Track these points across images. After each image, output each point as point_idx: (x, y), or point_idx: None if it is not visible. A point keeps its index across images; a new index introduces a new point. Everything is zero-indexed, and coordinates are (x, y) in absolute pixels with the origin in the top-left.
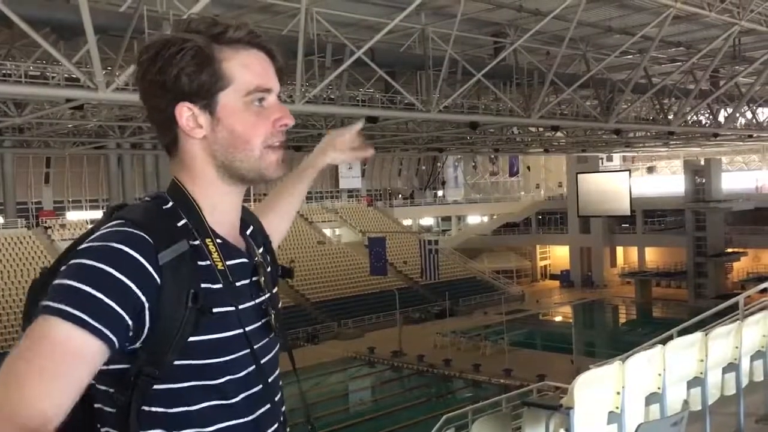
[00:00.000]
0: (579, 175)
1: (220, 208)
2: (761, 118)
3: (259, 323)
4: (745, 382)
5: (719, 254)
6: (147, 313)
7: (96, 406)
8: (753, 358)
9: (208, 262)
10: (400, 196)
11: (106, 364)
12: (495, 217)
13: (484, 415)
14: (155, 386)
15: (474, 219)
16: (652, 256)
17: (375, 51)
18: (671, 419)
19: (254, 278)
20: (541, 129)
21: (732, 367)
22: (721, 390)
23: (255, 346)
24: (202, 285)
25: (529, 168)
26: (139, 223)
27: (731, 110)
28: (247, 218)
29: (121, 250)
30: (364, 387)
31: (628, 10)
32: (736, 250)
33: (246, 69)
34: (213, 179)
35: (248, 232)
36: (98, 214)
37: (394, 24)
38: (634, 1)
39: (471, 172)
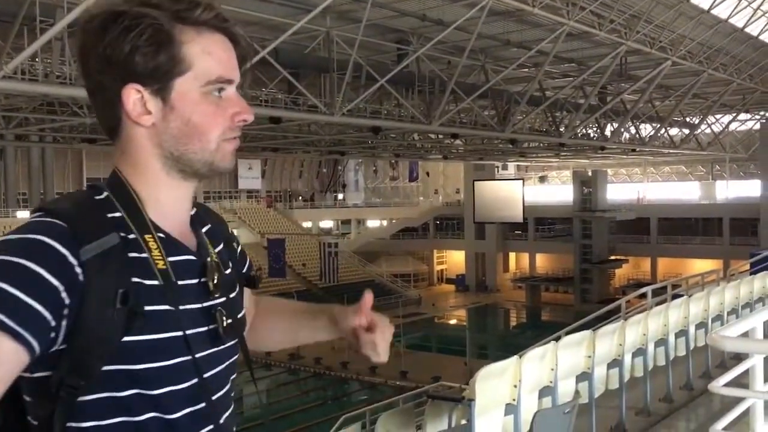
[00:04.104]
0: (476, 183)
1: (165, 201)
2: (643, 133)
3: (205, 329)
4: (627, 377)
5: (603, 261)
6: (69, 311)
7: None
8: (634, 355)
9: (145, 256)
10: (300, 198)
11: (26, 371)
12: (394, 221)
13: (389, 411)
14: (84, 397)
15: (373, 223)
16: (543, 262)
17: (279, 51)
18: (564, 407)
19: (202, 279)
20: (440, 136)
21: (616, 363)
22: (606, 384)
23: (197, 355)
24: (135, 280)
25: (428, 174)
26: (61, 214)
27: (617, 125)
28: (206, 216)
29: (40, 241)
30: (260, 390)
31: (526, 25)
32: (618, 257)
33: (209, 56)
34: (157, 171)
35: (204, 230)
36: None
37: (300, 25)
38: (531, 17)
39: (371, 176)
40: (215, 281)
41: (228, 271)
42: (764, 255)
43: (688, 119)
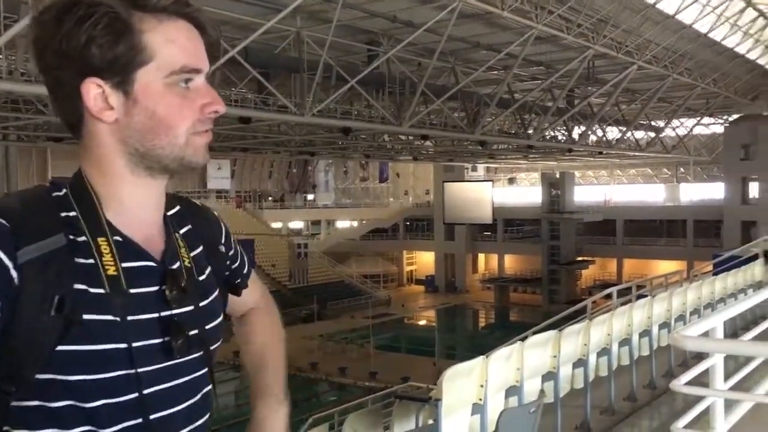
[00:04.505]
0: (445, 184)
1: (128, 201)
2: (610, 136)
3: (159, 342)
4: (591, 376)
5: (571, 262)
6: (1, 314)
7: None
8: (599, 355)
9: (91, 262)
10: (270, 198)
11: None
12: (364, 222)
13: (356, 411)
14: (18, 403)
15: (343, 223)
16: (511, 263)
17: (249, 51)
18: (529, 406)
19: (162, 287)
20: (410, 137)
21: (581, 362)
22: (571, 383)
23: (142, 369)
24: (78, 287)
25: (398, 175)
26: (5, 212)
27: (584, 128)
28: (189, 215)
29: None
30: (228, 391)
31: (496, 28)
32: (585, 258)
33: (171, 44)
34: (121, 169)
35: (183, 231)
36: None
37: (270, 25)
38: (500, 21)
39: (342, 177)
40: (176, 290)
41: (203, 277)
42: (726, 256)
43: (653, 123)
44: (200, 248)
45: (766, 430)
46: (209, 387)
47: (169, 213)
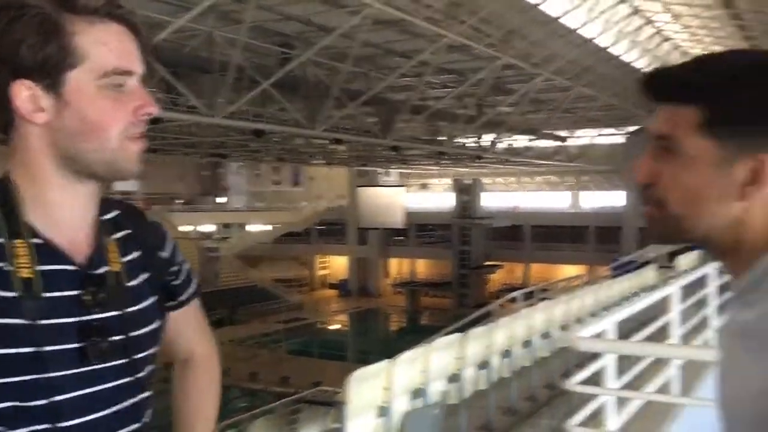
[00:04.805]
0: (359, 188)
1: (55, 204)
2: (517, 145)
3: (75, 347)
4: (495, 377)
5: (480, 267)
6: None
7: None
8: (502, 357)
9: (4, 264)
10: (180, 201)
11: None
12: (277, 225)
13: (261, 417)
14: None
15: (256, 227)
16: (423, 267)
17: (158, 49)
18: (432, 407)
19: (83, 291)
20: (324, 141)
21: (485, 364)
22: (475, 385)
23: (54, 374)
24: None
25: (311, 179)
26: None
27: (494, 136)
28: (127, 220)
29: None
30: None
31: (409, 35)
32: (494, 263)
33: (103, 46)
34: (49, 172)
35: (118, 236)
36: None
37: (180, 24)
38: (414, 28)
39: (254, 180)
40: (95, 294)
41: (134, 282)
42: (623, 261)
43: (558, 133)
44: (137, 253)
45: (655, 427)
46: (144, 395)
47: (105, 217)
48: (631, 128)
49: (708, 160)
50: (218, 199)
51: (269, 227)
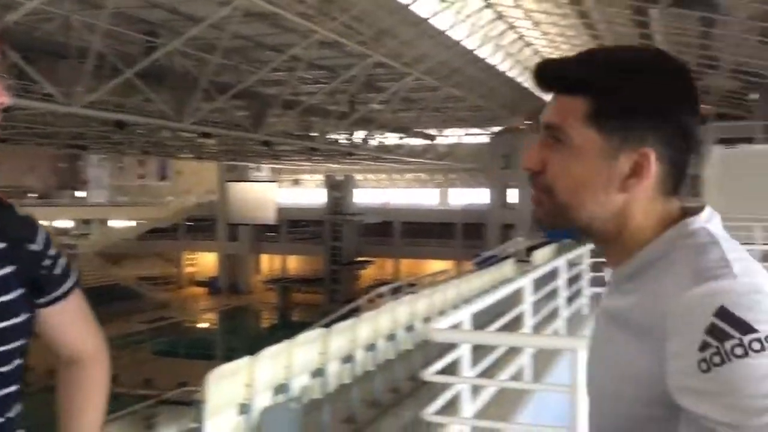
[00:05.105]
0: (229, 184)
1: None
2: (389, 142)
3: None
4: (359, 371)
5: (351, 263)
6: None
7: None
8: (367, 350)
9: None
10: (34, 194)
11: None
12: (142, 222)
13: (114, 421)
14: None
15: (119, 223)
16: (295, 263)
17: (9, 32)
18: (291, 402)
19: None
20: (192, 135)
21: (349, 358)
22: (340, 379)
23: None
24: None
25: (179, 173)
26: None
27: (365, 133)
28: None
29: None
30: None
31: (280, 29)
32: (365, 258)
33: None
34: None
35: None
36: None
37: (33, 5)
38: (285, 22)
39: (117, 174)
40: None
41: None
42: (486, 256)
43: (428, 131)
44: (1, 245)
45: (508, 413)
46: (9, 390)
47: None
48: (496, 129)
49: (594, 151)
50: (77, 193)
51: (133, 223)
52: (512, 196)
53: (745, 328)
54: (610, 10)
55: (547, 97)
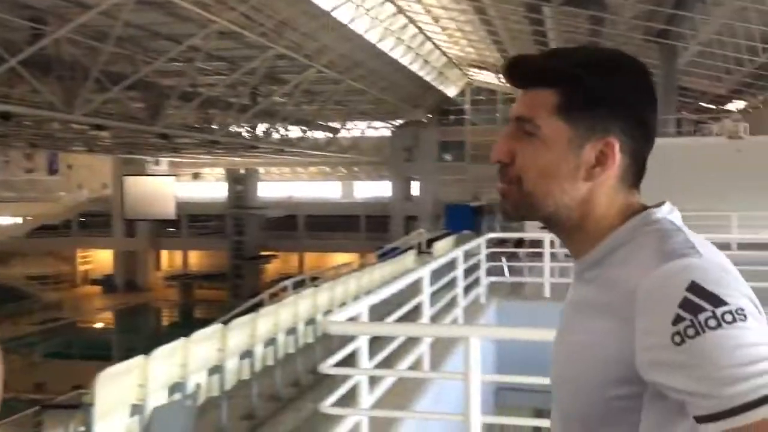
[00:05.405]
0: (125, 178)
1: None
2: (292, 135)
3: None
4: (259, 366)
5: (255, 257)
6: None
7: None
8: (266, 345)
9: None
10: None
11: None
12: (30, 218)
13: None
14: None
15: (5, 220)
16: (197, 259)
17: None
18: (183, 400)
19: None
20: (84, 127)
21: (248, 354)
22: (239, 375)
23: None
24: None
25: (70, 167)
26: None
27: (267, 126)
28: None
29: None
30: None
31: (176, 18)
32: (269, 253)
33: None
34: None
35: None
36: None
37: None
38: (181, 11)
39: (2, 168)
40: None
41: None
42: (388, 248)
43: (331, 124)
44: None
45: (406, 402)
46: None
47: None
48: (399, 122)
49: (562, 141)
50: None
51: (20, 220)
52: (415, 188)
53: (717, 300)
54: (506, 6)
55: (450, 90)
